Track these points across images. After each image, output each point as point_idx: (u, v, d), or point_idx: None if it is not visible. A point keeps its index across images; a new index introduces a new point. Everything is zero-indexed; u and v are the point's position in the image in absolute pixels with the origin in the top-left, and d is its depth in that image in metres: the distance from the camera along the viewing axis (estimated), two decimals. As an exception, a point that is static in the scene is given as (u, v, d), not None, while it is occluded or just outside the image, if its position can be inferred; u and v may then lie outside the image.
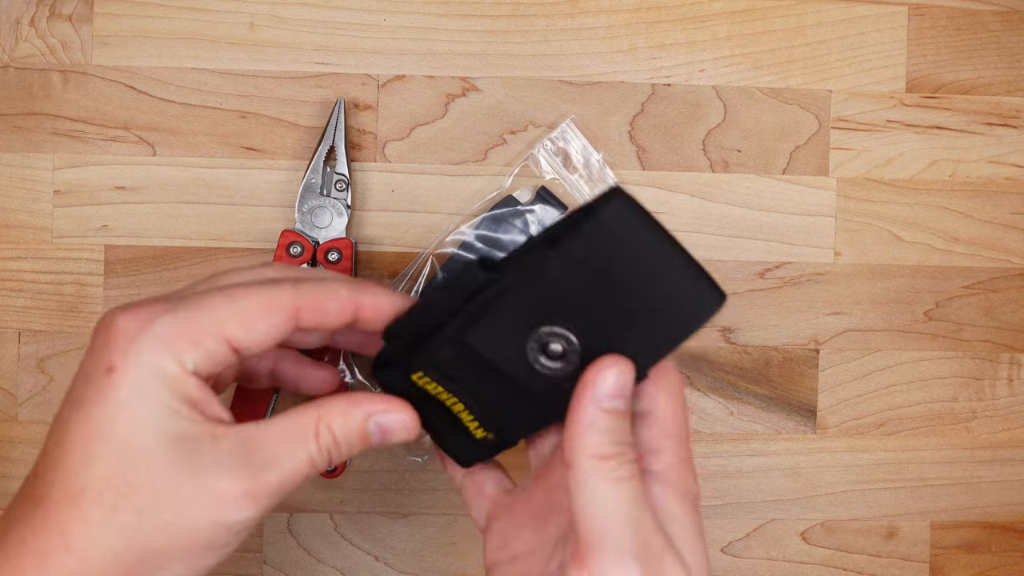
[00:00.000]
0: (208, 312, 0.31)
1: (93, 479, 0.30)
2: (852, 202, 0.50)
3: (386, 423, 0.33)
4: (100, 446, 0.30)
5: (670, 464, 0.32)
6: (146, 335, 0.30)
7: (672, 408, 0.32)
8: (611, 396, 0.31)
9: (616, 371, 0.31)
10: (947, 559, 0.50)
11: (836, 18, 0.50)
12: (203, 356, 0.31)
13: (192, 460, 0.30)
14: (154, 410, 0.30)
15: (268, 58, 0.48)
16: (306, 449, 0.31)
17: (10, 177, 0.47)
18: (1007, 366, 0.51)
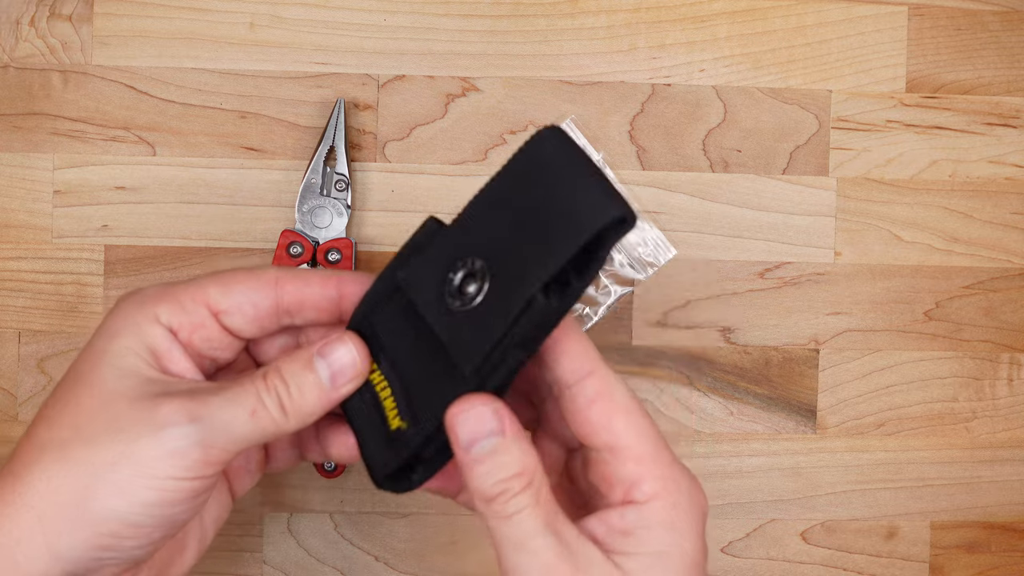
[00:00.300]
0: (193, 280, 0.33)
1: (51, 410, 0.31)
2: (852, 202, 0.50)
3: (332, 354, 0.32)
4: (66, 387, 0.32)
5: (651, 493, 0.31)
6: (133, 298, 0.33)
7: (632, 430, 0.31)
8: (471, 444, 0.29)
9: (466, 418, 0.30)
10: (947, 559, 0.50)
11: (836, 18, 0.50)
12: (177, 311, 0.32)
13: (139, 386, 0.31)
14: (115, 347, 0.31)
15: (268, 58, 0.48)
16: (253, 383, 0.31)
17: (10, 177, 0.47)
18: (1007, 366, 0.51)
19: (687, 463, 0.49)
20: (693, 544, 0.31)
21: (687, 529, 0.31)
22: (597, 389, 0.31)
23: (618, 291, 0.49)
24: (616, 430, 0.31)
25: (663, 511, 0.30)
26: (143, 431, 0.30)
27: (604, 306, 0.49)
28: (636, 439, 0.31)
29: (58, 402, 0.32)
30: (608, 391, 0.31)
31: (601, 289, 0.49)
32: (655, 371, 0.49)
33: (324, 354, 0.32)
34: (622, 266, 0.49)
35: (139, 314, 0.32)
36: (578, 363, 0.31)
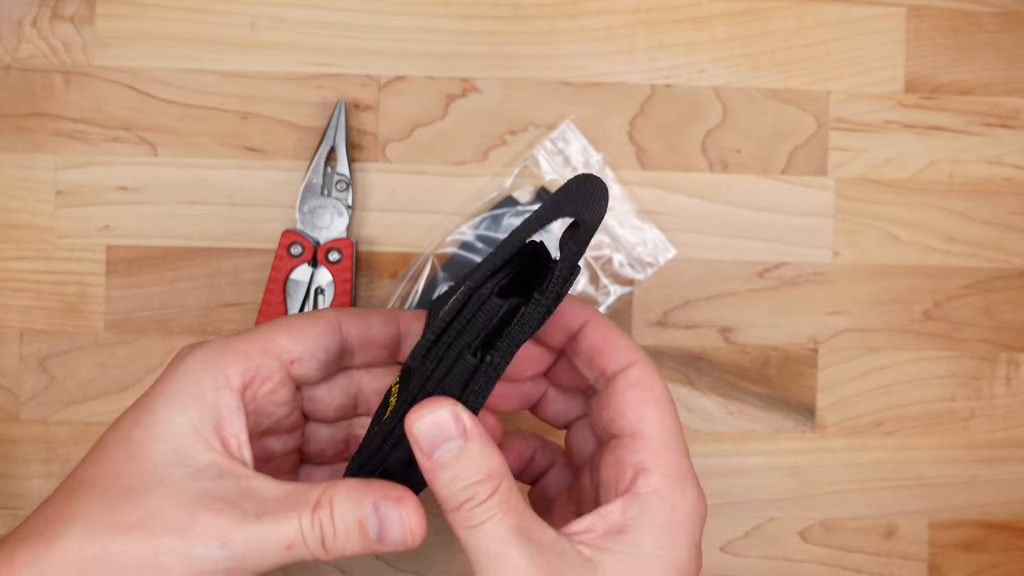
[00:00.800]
0: (259, 331, 0.32)
1: (94, 475, 0.30)
2: (851, 202, 0.50)
3: (385, 515, 0.30)
4: (112, 447, 0.30)
5: (656, 488, 0.31)
6: (197, 352, 0.31)
7: (659, 421, 0.31)
8: (432, 449, 0.29)
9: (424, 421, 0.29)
10: (945, 558, 0.51)
11: (835, 19, 0.50)
12: (250, 368, 0.31)
13: (184, 480, 0.29)
14: (176, 420, 0.30)
15: (269, 59, 0.48)
16: (299, 514, 0.29)
17: (12, 178, 0.47)
18: (1005, 366, 0.51)
19: (686, 462, 0.49)
20: (685, 551, 0.30)
21: (682, 535, 0.30)
22: (637, 376, 0.32)
23: (618, 291, 0.49)
24: (644, 416, 0.31)
25: (662, 511, 0.30)
26: (175, 545, 0.28)
27: (604, 306, 0.49)
28: (659, 431, 0.31)
29: (102, 465, 0.30)
30: (648, 381, 0.32)
31: (601, 289, 0.49)
32: (655, 371, 0.49)
33: (379, 510, 0.30)
34: (622, 266, 0.49)
35: (208, 378, 0.31)
36: (623, 354, 0.32)
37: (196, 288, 0.48)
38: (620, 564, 0.29)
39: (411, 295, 0.48)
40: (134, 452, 0.30)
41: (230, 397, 0.31)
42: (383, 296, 0.48)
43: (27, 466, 0.47)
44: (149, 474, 0.29)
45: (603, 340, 0.32)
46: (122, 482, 0.29)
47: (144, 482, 0.29)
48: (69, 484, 0.30)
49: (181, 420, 0.30)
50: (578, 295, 0.49)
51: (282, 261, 0.47)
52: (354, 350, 0.34)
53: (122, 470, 0.30)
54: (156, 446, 0.30)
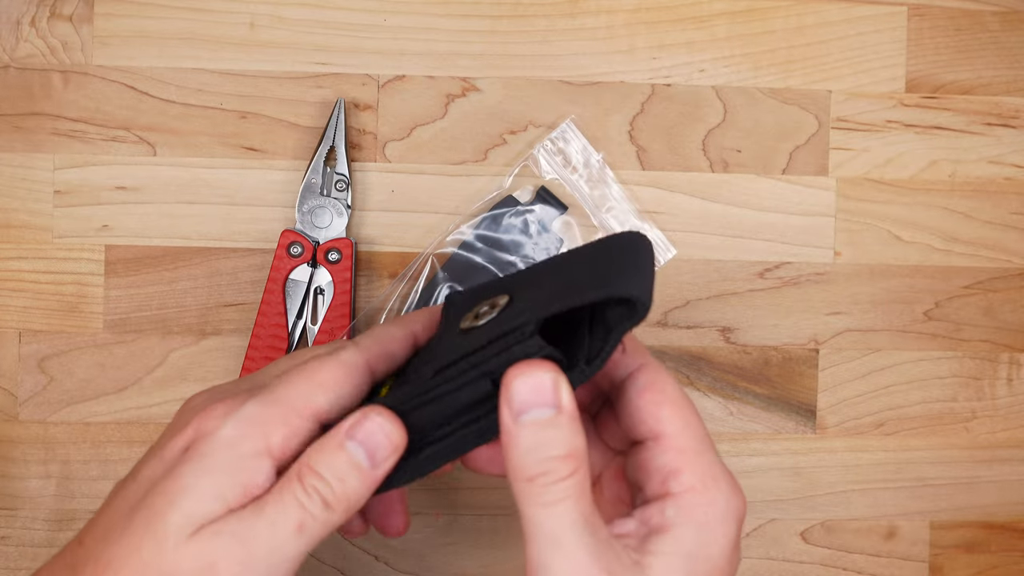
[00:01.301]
0: (292, 389, 0.31)
1: (119, 552, 0.29)
2: (852, 202, 0.50)
3: (364, 434, 0.30)
4: (138, 520, 0.29)
5: (689, 486, 0.30)
6: (233, 419, 0.30)
7: (679, 420, 0.31)
8: (522, 410, 0.28)
9: (527, 377, 0.28)
10: (946, 559, 0.50)
11: (836, 18, 0.50)
12: (291, 436, 0.30)
13: (202, 549, 0.28)
14: (201, 485, 0.29)
15: (268, 58, 0.48)
16: (290, 494, 0.29)
17: (11, 177, 0.47)
18: (1007, 366, 0.51)
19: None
20: (722, 548, 0.30)
21: (720, 531, 0.30)
22: (648, 379, 0.31)
23: (618, 291, 0.49)
24: (662, 418, 0.30)
25: (699, 508, 0.30)
26: None
27: (604, 306, 0.49)
28: (681, 429, 0.30)
29: (126, 542, 0.29)
30: (659, 383, 0.31)
31: (601, 289, 0.49)
32: (655, 371, 0.49)
33: (353, 435, 0.30)
34: (622, 266, 0.49)
35: (245, 443, 0.30)
36: (631, 357, 0.32)
37: (195, 288, 0.48)
38: (664, 565, 0.29)
39: (411, 295, 0.48)
40: (152, 523, 0.29)
41: (266, 465, 0.30)
42: (383, 296, 0.48)
43: (25, 466, 0.47)
44: (167, 547, 0.28)
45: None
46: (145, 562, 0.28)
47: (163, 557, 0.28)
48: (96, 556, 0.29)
49: (205, 485, 0.29)
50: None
51: (281, 261, 0.47)
52: (375, 370, 0.33)
53: (142, 548, 0.29)
54: (173, 515, 0.29)
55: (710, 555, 0.29)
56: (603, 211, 0.49)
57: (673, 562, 0.29)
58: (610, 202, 0.49)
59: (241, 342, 0.48)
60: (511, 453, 0.28)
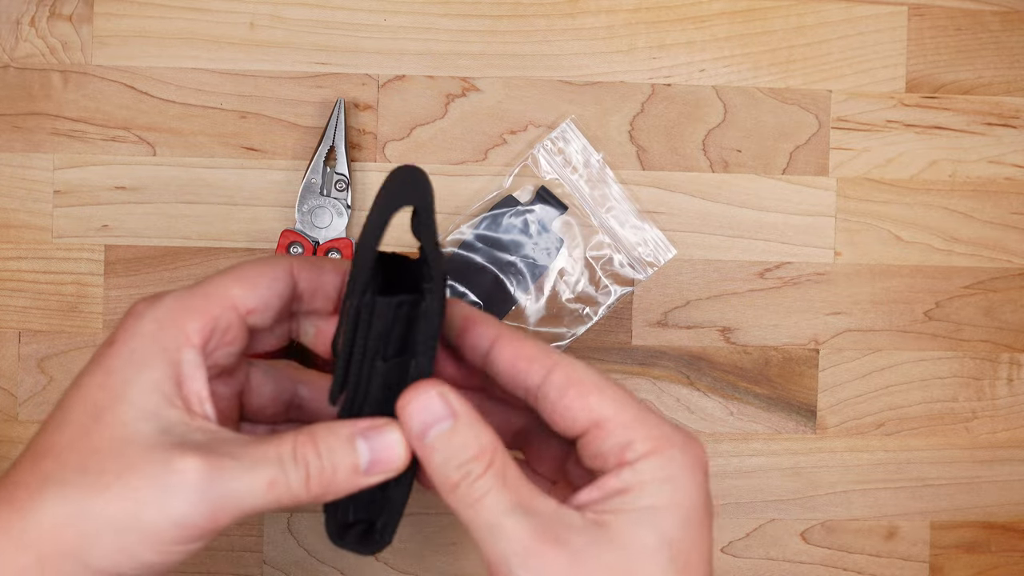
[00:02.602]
0: (213, 283, 0.32)
1: (60, 440, 0.29)
2: (852, 202, 0.50)
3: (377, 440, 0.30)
4: (76, 410, 0.30)
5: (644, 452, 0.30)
6: (153, 308, 0.31)
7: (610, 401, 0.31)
8: (424, 432, 0.29)
9: (413, 406, 0.30)
10: (947, 559, 0.50)
11: (836, 18, 0.50)
12: (210, 323, 0.31)
13: (154, 435, 0.29)
14: (138, 380, 0.30)
15: (268, 58, 0.48)
16: (279, 451, 0.29)
17: (10, 177, 0.47)
18: (1007, 366, 0.51)
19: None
20: (691, 497, 0.30)
21: (685, 482, 0.30)
22: (564, 379, 0.30)
23: (618, 291, 0.49)
24: (593, 406, 0.30)
25: (658, 467, 0.30)
26: (153, 495, 0.28)
27: (604, 306, 0.49)
28: (616, 409, 0.30)
29: (68, 429, 0.30)
30: (575, 377, 0.31)
31: (601, 289, 0.49)
32: (655, 371, 0.49)
33: (369, 437, 0.30)
34: (622, 266, 0.49)
35: (168, 335, 0.30)
36: (538, 364, 0.31)
37: (195, 288, 0.48)
38: (629, 519, 0.29)
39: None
40: (99, 414, 0.29)
41: (191, 354, 0.30)
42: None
43: (25, 467, 0.47)
44: (118, 433, 0.29)
45: (513, 359, 0.31)
46: (90, 445, 0.29)
47: (114, 442, 0.29)
48: (33, 451, 0.30)
49: (144, 378, 0.30)
50: (577, 295, 0.49)
51: (281, 261, 0.47)
52: (304, 297, 0.34)
53: (88, 433, 0.29)
54: (121, 406, 0.29)
55: (682, 502, 0.30)
56: (603, 211, 0.49)
57: (638, 516, 0.29)
58: (610, 202, 0.49)
59: (241, 342, 0.48)
60: (431, 473, 0.30)
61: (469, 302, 0.48)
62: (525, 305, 0.48)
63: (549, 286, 0.48)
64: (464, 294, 0.48)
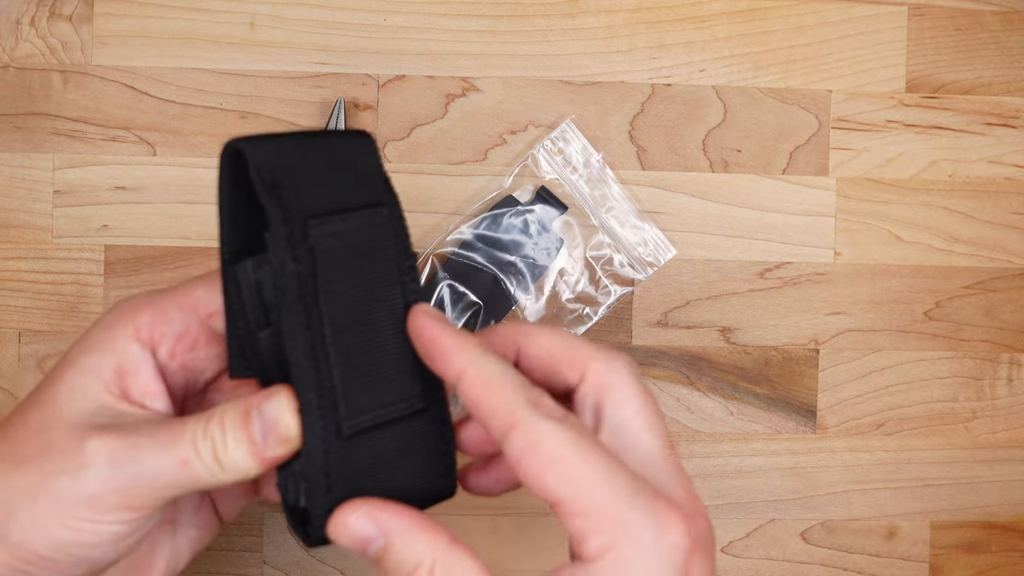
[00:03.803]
0: (181, 285, 0.32)
1: (9, 419, 0.31)
2: (852, 202, 0.50)
3: (266, 414, 0.29)
4: (31, 395, 0.31)
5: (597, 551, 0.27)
6: (120, 303, 0.32)
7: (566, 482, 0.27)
8: (363, 551, 0.29)
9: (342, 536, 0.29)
10: (947, 559, 0.50)
11: (836, 18, 0.50)
12: (160, 321, 0.31)
13: (80, 415, 0.29)
14: (79, 362, 0.30)
15: (268, 58, 0.48)
16: (192, 428, 0.29)
17: (10, 177, 0.47)
18: (1007, 366, 0.51)
19: (687, 463, 0.49)
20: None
21: (653, 570, 0.26)
22: (520, 444, 0.27)
23: (618, 291, 0.49)
24: (548, 486, 0.27)
25: (614, 570, 0.26)
26: (65, 467, 0.28)
27: (604, 306, 0.49)
28: (574, 493, 0.27)
29: (19, 409, 0.31)
30: (533, 443, 0.27)
31: (601, 289, 0.49)
32: (655, 371, 0.49)
33: (260, 409, 0.29)
34: (622, 266, 0.49)
35: (117, 326, 0.31)
36: (498, 419, 0.28)
37: (195, 288, 0.48)
38: None
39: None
40: (39, 394, 0.30)
41: (135, 347, 0.31)
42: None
43: (25, 467, 0.47)
44: (50, 412, 0.30)
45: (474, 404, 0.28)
46: (25, 420, 0.30)
47: (45, 420, 0.30)
48: None
49: (85, 362, 0.30)
50: (577, 295, 0.49)
51: (281, 261, 0.47)
52: None
53: (27, 410, 0.30)
54: (60, 386, 0.30)
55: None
56: (603, 211, 0.49)
57: None
58: (610, 202, 0.49)
59: (241, 342, 0.48)
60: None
61: (469, 302, 0.48)
62: (525, 305, 0.48)
63: (549, 286, 0.48)
64: (464, 294, 0.48)
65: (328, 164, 0.29)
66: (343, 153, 0.29)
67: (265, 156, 0.28)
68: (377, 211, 0.29)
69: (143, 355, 0.31)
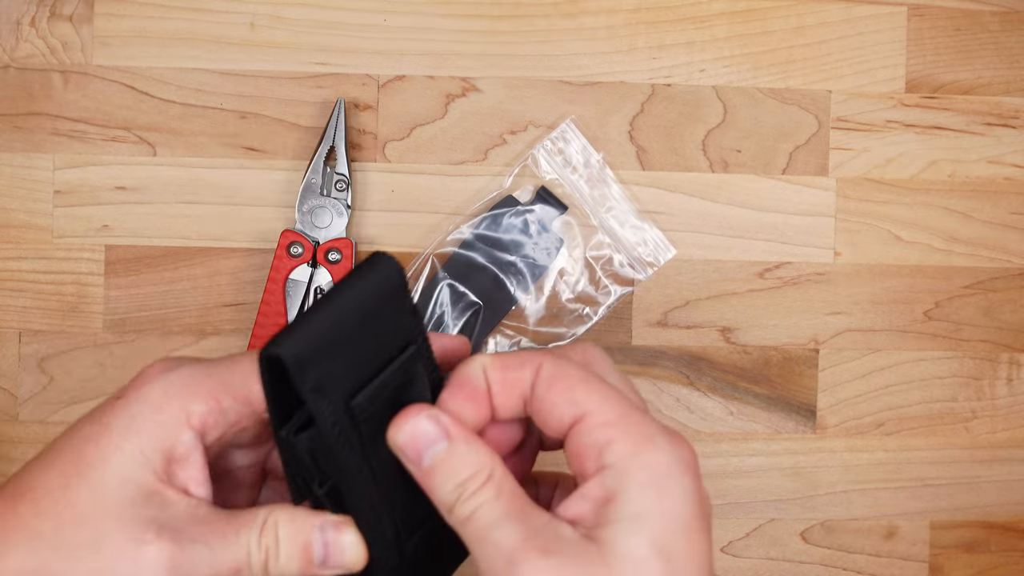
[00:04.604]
0: (233, 368, 0.31)
1: (40, 483, 0.29)
2: (852, 202, 0.50)
3: (333, 542, 0.30)
4: (64, 457, 0.30)
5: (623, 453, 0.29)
6: (165, 376, 0.30)
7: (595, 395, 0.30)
8: (420, 457, 0.29)
9: (406, 432, 0.29)
10: (946, 559, 0.50)
11: (836, 18, 0.50)
12: (214, 412, 0.30)
13: (132, 507, 0.29)
14: (129, 447, 0.29)
15: (268, 58, 0.48)
16: (246, 537, 0.29)
17: (11, 177, 0.47)
18: (1006, 366, 0.51)
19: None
20: (679, 502, 0.29)
21: (671, 486, 0.29)
22: (550, 372, 0.30)
23: (618, 291, 0.49)
24: (577, 400, 0.30)
25: (639, 471, 0.29)
26: (122, 569, 0.28)
27: (604, 306, 0.49)
28: (599, 404, 0.29)
29: (52, 474, 0.29)
30: (562, 372, 0.30)
31: (601, 289, 0.49)
32: (655, 371, 0.49)
33: (325, 532, 0.30)
34: (622, 266, 0.49)
35: (168, 409, 0.30)
36: (528, 366, 0.31)
37: (195, 288, 0.48)
38: (617, 531, 0.28)
39: (411, 295, 0.48)
40: (84, 471, 0.29)
41: (187, 436, 0.30)
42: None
43: (25, 467, 0.47)
44: (98, 497, 0.29)
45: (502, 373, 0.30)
46: (68, 499, 0.29)
47: (93, 505, 0.29)
48: (15, 488, 0.30)
49: (132, 448, 0.29)
50: (577, 295, 0.49)
51: (281, 261, 0.47)
52: None
53: (69, 486, 0.29)
54: (106, 469, 0.29)
55: (668, 509, 0.28)
56: (603, 211, 0.49)
57: (626, 526, 0.28)
58: (610, 202, 0.49)
59: (241, 342, 0.48)
60: (432, 496, 0.29)
61: (469, 302, 0.48)
62: (525, 305, 0.48)
63: (549, 286, 0.48)
64: (464, 294, 0.48)
65: (359, 327, 0.29)
66: (369, 301, 0.30)
67: (301, 355, 0.28)
68: (407, 351, 0.31)
69: (195, 444, 0.30)
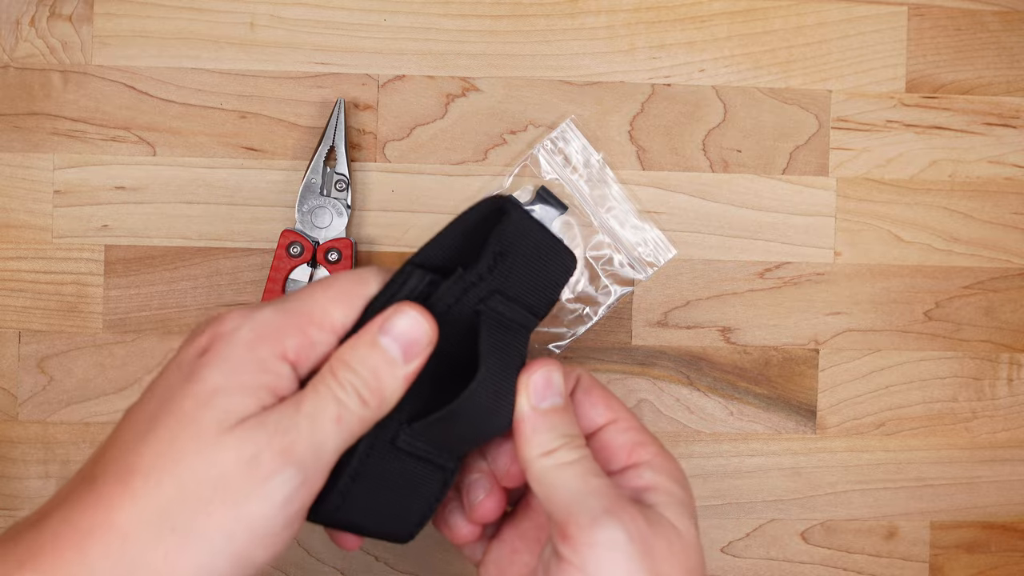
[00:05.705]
0: (311, 301, 0.31)
1: (148, 454, 0.29)
2: (852, 202, 0.50)
3: (398, 330, 0.31)
4: (165, 423, 0.29)
5: (656, 452, 0.35)
6: (249, 319, 0.31)
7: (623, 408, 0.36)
8: (543, 397, 0.33)
9: (541, 373, 0.33)
10: (947, 559, 0.50)
11: (836, 18, 0.50)
12: (307, 346, 0.31)
13: (244, 440, 0.29)
14: (229, 389, 0.29)
15: (268, 58, 0.48)
16: (329, 390, 0.30)
17: (10, 177, 0.47)
18: (1007, 366, 0.51)
19: (686, 464, 0.49)
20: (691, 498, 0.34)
21: (687, 484, 0.34)
22: (586, 384, 0.36)
23: (618, 291, 0.49)
24: (615, 407, 0.35)
25: (667, 469, 0.34)
26: (251, 491, 0.28)
27: (604, 306, 0.49)
28: (627, 413, 0.36)
29: (155, 439, 0.29)
30: (596, 384, 0.36)
31: (601, 289, 0.49)
32: (655, 371, 0.49)
33: (387, 330, 0.31)
34: (622, 266, 0.49)
35: (263, 348, 0.30)
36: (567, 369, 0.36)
37: (195, 288, 0.48)
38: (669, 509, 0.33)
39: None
40: (187, 424, 0.29)
41: (286, 369, 0.30)
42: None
43: (25, 467, 0.47)
44: (209, 445, 0.29)
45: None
46: (186, 462, 0.29)
47: (209, 456, 0.28)
48: (120, 461, 0.29)
49: (238, 382, 0.29)
50: (577, 295, 0.49)
51: (281, 261, 0.47)
52: None
53: (182, 448, 0.29)
54: (212, 413, 0.29)
55: (689, 502, 0.34)
56: (603, 211, 0.49)
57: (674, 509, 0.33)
58: (610, 202, 0.49)
59: (241, 342, 0.48)
60: (528, 434, 0.32)
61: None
62: (525, 305, 0.48)
63: (549, 286, 0.48)
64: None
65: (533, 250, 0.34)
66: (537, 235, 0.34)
67: (508, 228, 0.33)
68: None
69: (292, 376, 0.30)
